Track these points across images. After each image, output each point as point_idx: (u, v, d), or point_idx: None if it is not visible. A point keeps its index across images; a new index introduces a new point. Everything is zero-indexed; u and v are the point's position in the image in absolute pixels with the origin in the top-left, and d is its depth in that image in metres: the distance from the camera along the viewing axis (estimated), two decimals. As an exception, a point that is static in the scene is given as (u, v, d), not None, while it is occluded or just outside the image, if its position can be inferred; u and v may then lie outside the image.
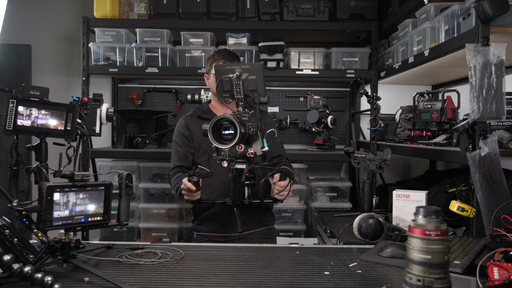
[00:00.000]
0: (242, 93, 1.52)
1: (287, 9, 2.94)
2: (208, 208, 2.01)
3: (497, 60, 1.56)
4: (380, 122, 2.66)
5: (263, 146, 1.52)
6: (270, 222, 2.14)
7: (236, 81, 1.51)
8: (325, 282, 1.16)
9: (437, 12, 2.16)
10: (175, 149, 2.10)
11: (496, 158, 1.55)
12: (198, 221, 2.07)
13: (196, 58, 2.96)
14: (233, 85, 1.52)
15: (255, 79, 1.52)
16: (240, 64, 1.54)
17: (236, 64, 1.54)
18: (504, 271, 1.09)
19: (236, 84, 1.51)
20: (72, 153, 1.47)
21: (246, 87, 1.52)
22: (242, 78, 1.51)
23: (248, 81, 1.52)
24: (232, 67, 1.54)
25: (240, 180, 1.61)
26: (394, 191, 1.81)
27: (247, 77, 1.51)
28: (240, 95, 1.53)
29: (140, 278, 1.17)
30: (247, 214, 1.97)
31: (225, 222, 1.98)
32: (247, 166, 1.54)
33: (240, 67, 1.53)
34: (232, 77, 1.51)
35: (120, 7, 2.99)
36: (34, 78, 3.43)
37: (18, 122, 1.33)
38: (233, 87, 1.53)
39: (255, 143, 1.52)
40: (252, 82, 1.52)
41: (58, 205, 1.18)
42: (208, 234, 2.03)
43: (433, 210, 0.89)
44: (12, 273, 0.89)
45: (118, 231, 2.88)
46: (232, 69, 1.53)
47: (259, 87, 1.53)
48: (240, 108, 1.55)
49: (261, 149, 1.52)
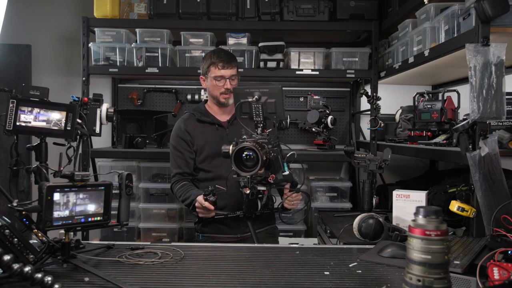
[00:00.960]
0: (261, 115, 1.54)
1: (287, 9, 2.94)
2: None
3: (497, 60, 1.56)
4: (380, 122, 2.66)
5: (283, 171, 1.55)
6: (272, 221, 2.17)
7: (255, 104, 1.53)
8: (325, 282, 1.16)
9: (437, 12, 2.16)
10: (174, 155, 2.06)
11: (496, 158, 1.55)
12: (203, 223, 2.05)
13: (196, 58, 2.95)
14: (252, 107, 1.54)
15: (274, 102, 1.54)
16: (259, 87, 1.55)
17: (255, 87, 1.56)
18: (504, 271, 1.09)
19: (256, 107, 1.53)
20: (72, 153, 1.47)
21: (265, 109, 1.54)
22: (261, 101, 1.52)
23: (267, 104, 1.53)
24: (251, 90, 1.56)
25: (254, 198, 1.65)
26: (394, 191, 1.81)
27: (266, 100, 1.53)
28: (259, 118, 1.55)
29: (140, 278, 1.17)
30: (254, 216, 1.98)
31: (232, 224, 1.98)
32: (267, 188, 1.58)
33: (259, 90, 1.55)
34: (252, 101, 1.53)
35: (120, 7, 2.99)
36: (34, 78, 3.43)
37: (18, 122, 1.33)
38: (252, 110, 1.54)
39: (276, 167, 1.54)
40: (271, 105, 1.54)
41: (58, 205, 1.18)
42: (214, 236, 2.02)
43: (433, 210, 0.89)
44: (12, 273, 0.89)
45: (118, 231, 2.88)
46: (251, 92, 1.55)
47: (278, 109, 1.55)
48: (259, 130, 1.57)
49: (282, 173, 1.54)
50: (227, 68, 2.01)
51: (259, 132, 1.56)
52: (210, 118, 2.08)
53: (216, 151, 1.97)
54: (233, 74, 2.02)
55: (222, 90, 2.02)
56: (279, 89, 1.55)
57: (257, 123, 1.57)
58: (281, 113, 1.56)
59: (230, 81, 2.02)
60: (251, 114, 1.55)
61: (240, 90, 1.58)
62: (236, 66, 2.07)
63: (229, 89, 2.01)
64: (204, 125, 2.07)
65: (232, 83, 2.03)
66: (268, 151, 1.49)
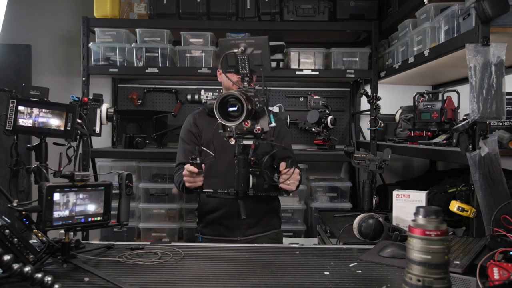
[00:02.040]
0: (247, 68, 1.49)
1: (287, 9, 2.94)
2: (213, 211, 1.98)
3: (497, 60, 1.56)
4: (380, 122, 2.66)
5: (270, 122, 1.50)
6: (277, 225, 2.11)
7: (241, 56, 1.47)
8: (325, 282, 1.16)
9: (437, 12, 2.16)
10: (181, 147, 2.06)
11: (496, 158, 1.55)
12: (203, 223, 2.04)
13: (196, 58, 2.95)
14: (238, 60, 1.48)
15: (261, 54, 1.48)
16: (245, 39, 1.49)
17: (241, 39, 1.50)
18: (504, 271, 1.09)
19: (241, 59, 1.48)
20: (72, 153, 1.47)
21: (251, 62, 1.48)
22: (247, 52, 1.47)
23: (253, 56, 1.48)
24: (236, 41, 1.50)
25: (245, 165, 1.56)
26: (394, 191, 1.81)
27: (252, 52, 1.48)
28: (245, 70, 1.49)
29: (140, 278, 1.17)
30: (253, 218, 1.96)
31: (231, 225, 1.96)
32: (254, 142, 1.51)
33: (245, 41, 1.48)
34: (237, 52, 1.47)
35: (120, 7, 2.99)
36: (34, 78, 3.43)
37: (18, 122, 1.33)
38: (238, 62, 1.49)
39: (262, 119, 1.48)
40: (257, 57, 1.48)
41: (58, 205, 1.18)
42: (213, 238, 2.00)
43: (433, 210, 0.89)
44: (12, 273, 0.89)
45: (118, 231, 2.88)
46: (237, 43, 1.48)
47: (264, 62, 1.49)
48: (246, 83, 1.51)
49: (268, 125, 1.49)
50: None
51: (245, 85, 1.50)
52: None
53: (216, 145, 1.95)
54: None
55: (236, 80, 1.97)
56: (265, 39, 1.49)
57: (244, 76, 1.51)
58: (267, 66, 1.50)
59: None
60: (237, 66, 1.50)
61: (226, 42, 1.52)
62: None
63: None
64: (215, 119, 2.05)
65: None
66: (254, 102, 1.43)
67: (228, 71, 1.54)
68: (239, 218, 1.90)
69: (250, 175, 1.58)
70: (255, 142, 1.51)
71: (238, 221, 1.94)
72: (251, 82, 1.52)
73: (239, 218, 1.90)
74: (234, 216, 1.93)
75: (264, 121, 1.48)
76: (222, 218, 1.97)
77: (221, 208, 1.96)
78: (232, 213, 1.93)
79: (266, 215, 2.03)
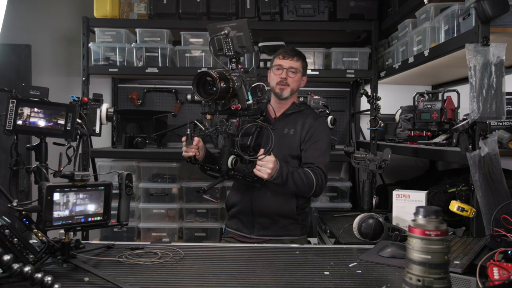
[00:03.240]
0: (232, 50, 1.61)
1: (287, 9, 2.94)
2: (232, 206, 2.02)
3: (497, 60, 1.56)
4: (380, 122, 2.66)
5: (247, 99, 1.60)
6: (295, 233, 1.98)
7: (225, 39, 1.59)
8: (325, 282, 1.16)
9: (437, 12, 2.16)
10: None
11: (496, 158, 1.55)
12: (229, 216, 2.08)
13: (196, 58, 2.95)
14: (222, 43, 1.61)
15: (242, 36, 1.59)
16: (228, 22, 1.61)
17: (224, 23, 1.62)
18: (504, 271, 1.09)
19: (226, 41, 1.60)
20: (72, 153, 1.46)
21: (235, 44, 1.60)
22: (230, 35, 1.58)
23: (236, 38, 1.59)
24: (221, 25, 1.62)
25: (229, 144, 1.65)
26: (394, 191, 1.81)
27: (235, 34, 1.59)
28: (230, 52, 1.62)
29: (140, 278, 1.17)
30: (266, 218, 1.95)
31: (246, 222, 1.98)
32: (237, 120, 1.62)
33: (228, 25, 1.60)
34: (222, 35, 1.59)
35: (120, 7, 2.99)
36: (34, 78, 3.43)
37: (18, 122, 1.33)
38: (223, 45, 1.61)
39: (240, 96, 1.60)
40: (240, 39, 1.60)
41: (58, 205, 1.18)
42: (233, 231, 2.03)
43: (433, 210, 0.89)
44: (12, 273, 0.89)
45: (118, 231, 2.88)
46: (222, 27, 1.61)
47: (246, 43, 1.60)
48: (233, 65, 1.63)
49: (246, 103, 1.59)
50: (287, 59, 1.96)
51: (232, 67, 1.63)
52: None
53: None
54: (292, 67, 1.95)
55: (278, 79, 1.96)
56: (244, 21, 1.60)
57: (231, 58, 1.64)
58: (249, 46, 1.61)
59: (288, 73, 1.95)
60: (223, 50, 1.62)
61: (213, 26, 1.64)
62: (299, 61, 1.98)
63: (285, 80, 1.95)
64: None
65: (290, 76, 1.95)
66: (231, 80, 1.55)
67: (218, 54, 1.66)
68: (253, 216, 1.95)
69: (232, 155, 1.66)
70: (238, 119, 1.62)
71: (252, 219, 1.96)
72: (239, 63, 1.64)
73: (253, 216, 1.95)
74: (248, 213, 1.95)
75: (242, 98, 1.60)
76: (240, 214, 1.99)
77: (239, 204, 1.98)
78: (247, 209, 1.95)
79: (282, 218, 1.94)
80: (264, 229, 1.96)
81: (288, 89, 1.96)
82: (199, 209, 2.96)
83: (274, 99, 2.04)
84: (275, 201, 1.92)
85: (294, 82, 1.97)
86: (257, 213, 1.94)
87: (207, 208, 2.95)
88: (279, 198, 1.92)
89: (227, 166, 1.65)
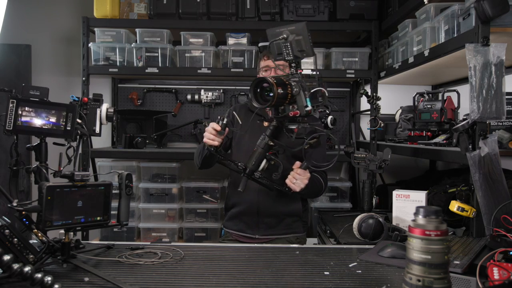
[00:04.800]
0: (291, 54, 1.55)
1: (287, 9, 2.94)
2: (235, 206, 2.01)
3: (497, 60, 1.56)
4: (380, 122, 2.66)
5: (306, 106, 1.52)
6: (299, 230, 2.05)
7: (284, 43, 1.53)
8: (325, 282, 1.16)
9: (437, 12, 2.16)
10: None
11: (496, 158, 1.55)
12: (228, 217, 2.07)
13: (196, 58, 2.95)
14: (281, 47, 1.55)
15: (301, 39, 1.53)
16: (286, 26, 1.55)
17: (283, 27, 1.56)
18: (504, 271, 1.09)
19: (285, 46, 1.54)
20: (72, 153, 1.47)
21: (295, 48, 1.54)
22: (289, 39, 1.53)
23: (295, 41, 1.54)
24: (280, 29, 1.55)
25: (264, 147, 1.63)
26: (394, 191, 1.81)
27: (294, 38, 1.53)
28: (290, 57, 1.56)
29: (140, 278, 1.17)
30: (273, 218, 1.96)
31: (251, 223, 1.97)
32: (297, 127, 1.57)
33: (287, 29, 1.54)
34: (281, 40, 1.53)
35: (120, 7, 2.99)
36: (34, 78, 3.43)
37: (18, 122, 1.33)
38: (282, 50, 1.56)
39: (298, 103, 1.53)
40: (299, 43, 1.54)
41: (58, 205, 1.18)
42: (234, 233, 2.02)
43: (433, 210, 0.89)
44: (12, 273, 0.89)
45: (118, 231, 2.88)
46: (281, 31, 1.55)
47: (306, 46, 1.53)
48: (293, 69, 1.56)
49: (304, 109, 1.52)
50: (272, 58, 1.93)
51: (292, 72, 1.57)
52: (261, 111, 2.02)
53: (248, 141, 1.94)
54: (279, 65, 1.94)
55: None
56: (303, 25, 1.53)
57: (290, 62, 1.57)
58: (309, 50, 1.54)
59: (276, 71, 1.96)
60: (283, 54, 1.57)
61: (272, 31, 1.59)
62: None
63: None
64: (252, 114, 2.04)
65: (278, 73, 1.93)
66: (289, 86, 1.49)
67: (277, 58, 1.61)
68: (259, 216, 1.95)
69: (264, 159, 1.64)
70: (298, 126, 1.57)
71: (257, 219, 1.95)
72: (298, 68, 1.57)
73: (259, 217, 1.95)
74: (254, 213, 1.95)
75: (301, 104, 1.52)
76: (243, 214, 1.98)
77: (242, 204, 1.97)
78: (252, 210, 1.95)
79: (287, 217, 1.99)
80: (270, 229, 1.97)
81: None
82: (199, 209, 2.96)
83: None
84: (283, 201, 1.95)
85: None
86: (264, 213, 1.94)
87: (207, 208, 2.96)
88: (286, 198, 1.93)
89: (256, 167, 1.64)
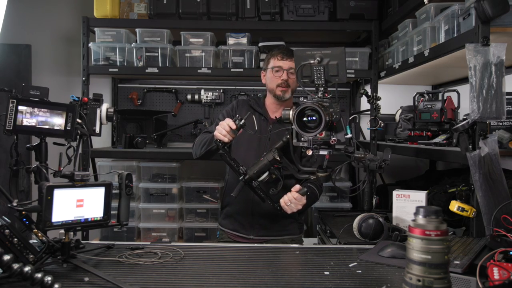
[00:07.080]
0: (323, 78, 1.49)
1: (287, 9, 2.94)
2: (229, 204, 2.00)
3: (497, 60, 1.56)
4: (380, 122, 2.65)
5: (346, 133, 1.52)
6: (296, 231, 2.05)
7: (317, 66, 1.47)
8: (325, 282, 1.16)
9: (437, 12, 2.15)
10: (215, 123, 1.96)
11: (496, 158, 1.55)
12: (223, 215, 2.06)
13: (196, 58, 2.95)
14: (313, 70, 1.49)
15: (337, 64, 1.48)
16: (321, 49, 1.50)
17: (317, 49, 1.50)
18: (504, 271, 1.09)
19: (317, 69, 1.48)
20: (72, 153, 1.47)
21: (327, 72, 1.48)
22: (323, 63, 1.47)
23: (329, 66, 1.48)
24: (312, 52, 1.50)
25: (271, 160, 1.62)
26: (394, 191, 1.81)
27: (328, 62, 1.48)
28: (321, 81, 1.49)
29: (140, 278, 1.17)
30: (267, 219, 1.95)
31: (245, 223, 1.96)
32: (329, 153, 1.55)
33: (321, 52, 1.49)
34: (313, 63, 1.47)
35: (120, 7, 2.99)
36: (34, 78, 3.43)
37: (18, 122, 1.33)
38: (313, 72, 1.49)
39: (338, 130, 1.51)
40: (333, 67, 1.48)
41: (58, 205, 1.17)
42: (229, 232, 2.01)
43: (433, 210, 0.89)
44: (12, 273, 0.89)
45: (118, 231, 2.88)
46: (313, 54, 1.49)
47: (340, 72, 1.49)
48: (320, 94, 1.51)
49: (344, 136, 1.51)
50: (286, 59, 1.95)
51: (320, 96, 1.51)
52: (262, 110, 2.04)
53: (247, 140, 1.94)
54: (291, 67, 1.93)
55: (279, 81, 1.95)
56: (342, 50, 1.49)
57: (319, 86, 1.51)
58: (343, 75, 1.49)
59: (288, 74, 1.95)
60: (312, 77, 1.50)
61: (302, 53, 1.52)
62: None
63: (286, 81, 1.94)
64: (254, 113, 2.04)
65: (290, 76, 1.95)
66: (330, 113, 1.45)
67: (303, 81, 1.54)
68: (253, 216, 1.94)
69: (267, 171, 1.63)
70: (329, 152, 1.54)
71: (252, 220, 1.95)
72: (326, 92, 1.52)
73: (253, 217, 1.94)
74: (248, 213, 1.94)
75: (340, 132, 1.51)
76: (237, 214, 1.98)
77: (236, 203, 1.96)
78: (246, 210, 1.94)
79: (282, 219, 1.96)
80: (264, 230, 1.95)
81: (289, 90, 1.97)
82: (199, 209, 2.96)
83: (272, 100, 2.03)
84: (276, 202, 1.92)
85: (294, 83, 1.97)
86: (258, 214, 1.93)
87: (207, 208, 2.96)
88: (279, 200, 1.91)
89: (257, 177, 1.63)
